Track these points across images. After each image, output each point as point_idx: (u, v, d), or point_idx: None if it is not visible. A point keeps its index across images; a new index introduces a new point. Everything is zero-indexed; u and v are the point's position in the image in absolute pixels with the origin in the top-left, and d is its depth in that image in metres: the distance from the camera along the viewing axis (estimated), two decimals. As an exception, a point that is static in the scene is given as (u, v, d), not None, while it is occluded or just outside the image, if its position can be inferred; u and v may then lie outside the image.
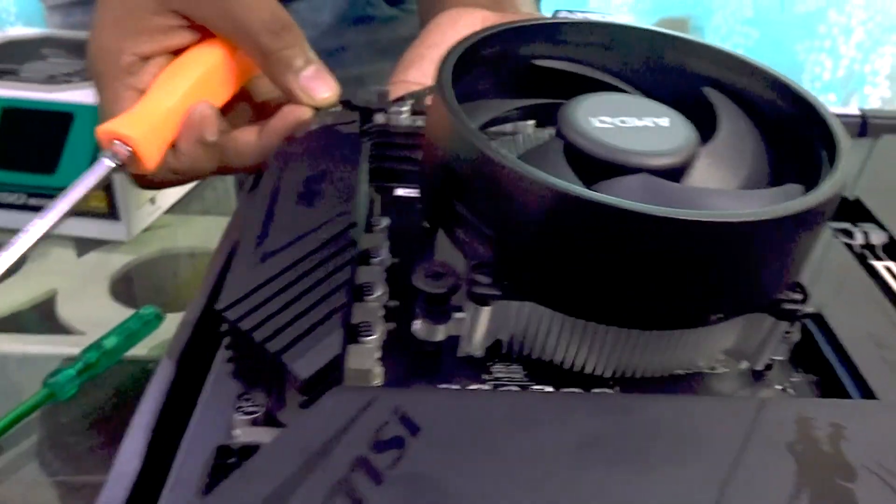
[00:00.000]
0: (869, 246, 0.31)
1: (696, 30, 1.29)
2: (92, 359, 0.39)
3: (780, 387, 0.25)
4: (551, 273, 0.21)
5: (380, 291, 0.26)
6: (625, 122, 0.25)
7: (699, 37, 0.31)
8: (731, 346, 0.25)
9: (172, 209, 0.55)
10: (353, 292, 0.25)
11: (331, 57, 0.69)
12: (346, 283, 0.22)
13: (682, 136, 0.25)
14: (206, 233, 0.54)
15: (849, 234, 0.31)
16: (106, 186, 0.48)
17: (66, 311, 0.45)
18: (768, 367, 0.25)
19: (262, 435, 0.20)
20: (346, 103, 0.35)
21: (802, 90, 0.26)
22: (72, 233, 0.50)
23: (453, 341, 0.24)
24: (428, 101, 0.38)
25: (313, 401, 0.19)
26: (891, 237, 0.31)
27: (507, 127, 0.31)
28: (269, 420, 0.21)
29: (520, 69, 0.29)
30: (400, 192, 0.33)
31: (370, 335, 0.24)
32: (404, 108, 0.36)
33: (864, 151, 0.37)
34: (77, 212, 0.49)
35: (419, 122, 0.37)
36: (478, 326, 0.23)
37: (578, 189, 0.20)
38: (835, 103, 1.30)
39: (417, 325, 0.24)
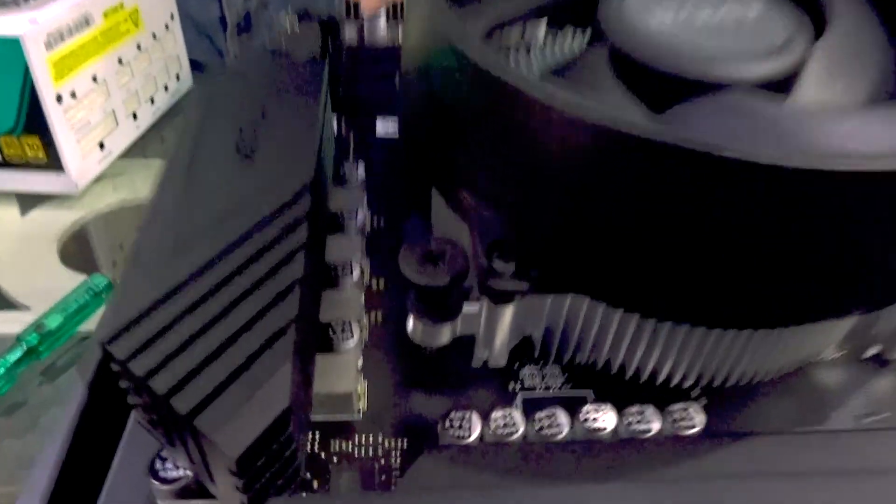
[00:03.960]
0: None
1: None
2: (32, 343, 0.32)
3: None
4: (607, 255, 0.13)
5: (358, 272, 0.18)
6: (696, 15, 0.16)
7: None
8: (856, 327, 0.17)
9: (127, 153, 0.46)
10: (321, 276, 0.17)
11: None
12: (295, 283, 0.14)
13: (785, 27, 0.16)
14: (169, 178, 0.45)
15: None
16: (41, 130, 0.39)
17: (7, 280, 0.37)
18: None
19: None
20: (302, 17, 0.26)
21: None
22: (11, 188, 0.41)
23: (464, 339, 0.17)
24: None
25: (254, 483, 0.12)
26: None
27: (513, 33, 0.22)
28: (200, 490, 0.14)
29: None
30: (381, 126, 0.24)
31: (349, 338, 0.16)
32: (381, 18, 0.27)
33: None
34: (13, 163, 0.41)
35: (397, 35, 0.28)
36: (497, 329, 0.15)
37: (652, 127, 0.12)
38: None
39: (412, 326, 0.16)
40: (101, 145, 0.43)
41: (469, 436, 0.15)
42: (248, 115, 0.18)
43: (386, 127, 0.24)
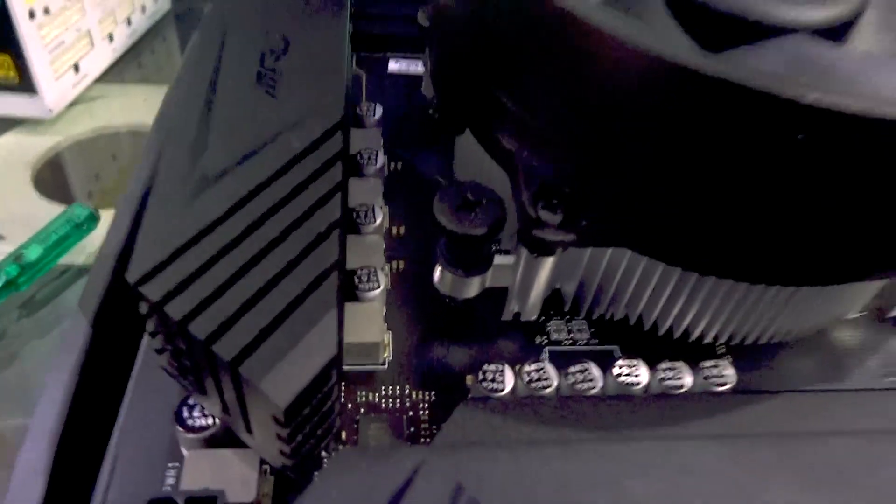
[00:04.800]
0: None
1: None
2: (11, 274, 0.30)
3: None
4: (662, 207, 0.13)
5: (380, 217, 0.17)
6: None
7: None
8: (884, 291, 0.17)
9: (104, 77, 0.44)
10: (345, 223, 0.17)
11: None
12: (334, 225, 0.13)
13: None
14: (146, 105, 0.43)
15: None
16: (12, 48, 0.37)
17: (-22, 207, 0.36)
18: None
19: (224, 470, 0.13)
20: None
21: None
22: (-20, 110, 0.39)
23: (490, 293, 0.16)
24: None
25: (297, 434, 0.12)
26: None
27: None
28: (229, 439, 0.13)
29: None
30: (393, 65, 0.23)
31: (375, 288, 0.16)
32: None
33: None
34: (-20, 83, 0.39)
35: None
36: (535, 282, 0.15)
37: (752, 77, 0.11)
38: None
39: (440, 276, 0.16)
40: (76, 68, 0.41)
41: (503, 389, 0.15)
42: (269, 42, 0.17)
43: (398, 65, 0.23)
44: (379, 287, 0.16)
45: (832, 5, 0.14)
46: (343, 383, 0.15)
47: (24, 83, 0.38)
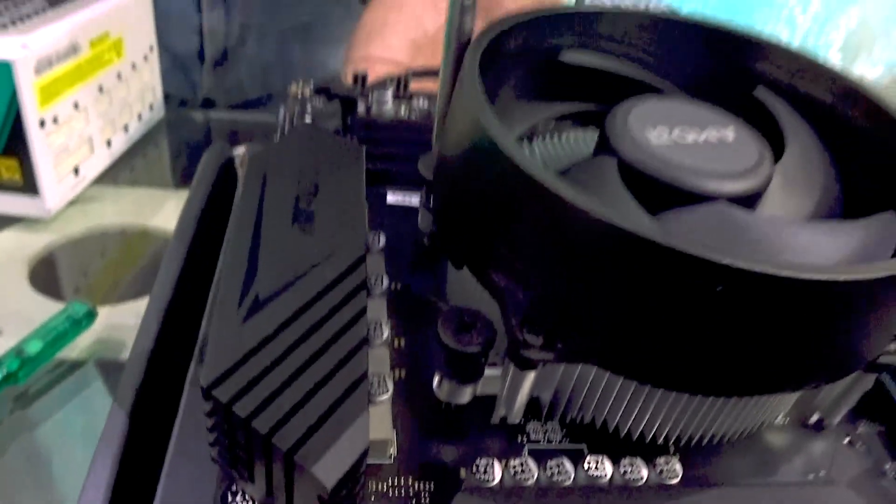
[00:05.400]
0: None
1: (656, -3, 1.23)
2: (12, 368, 0.32)
3: (847, 440, 0.22)
4: (622, 334, 0.17)
5: (387, 332, 0.21)
6: (685, 135, 0.20)
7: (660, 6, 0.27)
8: (803, 396, 0.21)
9: (99, 180, 0.47)
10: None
11: (290, 8, 0.61)
12: (363, 341, 0.17)
13: (755, 151, 0.20)
14: (137, 206, 0.47)
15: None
16: (20, 153, 0.40)
17: (-25, 302, 0.38)
18: (831, 418, 0.22)
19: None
20: (321, 90, 0.28)
21: (873, 93, 0.22)
22: (-19, 209, 0.42)
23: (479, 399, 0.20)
24: (416, 85, 0.32)
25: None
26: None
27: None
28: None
29: (542, 64, 0.24)
30: (391, 197, 0.27)
31: (385, 392, 0.19)
32: (387, 96, 0.30)
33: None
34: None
35: (403, 109, 0.31)
36: (519, 392, 0.19)
37: (672, 240, 0.15)
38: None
39: (438, 384, 0.19)
40: (76, 171, 0.44)
41: (493, 480, 0.18)
42: (301, 187, 0.20)
43: (395, 197, 0.27)
44: (388, 392, 0.19)
45: (745, 180, 0.19)
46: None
47: (27, 185, 0.41)
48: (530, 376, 0.18)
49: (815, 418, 0.22)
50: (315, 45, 0.61)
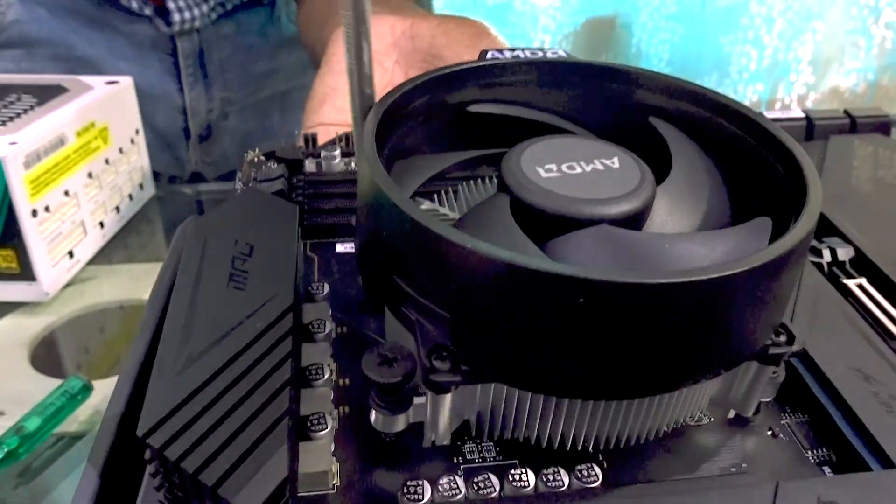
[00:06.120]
0: (838, 263, 0.29)
1: (624, 27, 1.28)
2: (12, 445, 0.35)
3: (770, 432, 0.23)
4: (516, 352, 0.19)
5: (328, 373, 0.23)
6: (573, 168, 0.23)
7: (627, 34, 0.29)
8: (716, 395, 0.23)
9: (94, 260, 0.50)
10: (299, 378, 0.22)
11: (266, 79, 0.65)
12: (287, 382, 0.19)
13: (636, 177, 0.23)
14: (132, 282, 0.49)
15: (817, 251, 0.30)
16: (16, 243, 0.43)
17: (-21, 387, 0.40)
18: (756, 410, 0.23)
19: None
20: (269, 155, 0.31)
21: (752, 112, 0.24)
22: (-19, 298, 0.45)
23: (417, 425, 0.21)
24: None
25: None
26: (857, 249, 0.30)
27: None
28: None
29: (452, 117, 0.26)
30: (340, 247, 0.29)
31: (323, 428, 0.21)
32: (335, 153, 0.33)
33: (816, 156, 0.36)
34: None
35: (353, 164, 0.34)
36: (440, 415, 0.20)
37: (534, 260, 0.17)
38: (762, 93, 1.32)
39: (374, 416, 0.21)
40: (71, 254, 0.47)
41: (422, 499, 0.20)
42: (238, 248, 0.23)
43: (344, 247, 0.29)
44: (326, 428, 0.21)
45: (626, 203, 0.21)
46: (301, 504, 0.20)
47: (24, 272, 0.44)
48: (447, 400, 0.20)
49: (732, 414, 0.23)
50: (293, 112, 0.64)
